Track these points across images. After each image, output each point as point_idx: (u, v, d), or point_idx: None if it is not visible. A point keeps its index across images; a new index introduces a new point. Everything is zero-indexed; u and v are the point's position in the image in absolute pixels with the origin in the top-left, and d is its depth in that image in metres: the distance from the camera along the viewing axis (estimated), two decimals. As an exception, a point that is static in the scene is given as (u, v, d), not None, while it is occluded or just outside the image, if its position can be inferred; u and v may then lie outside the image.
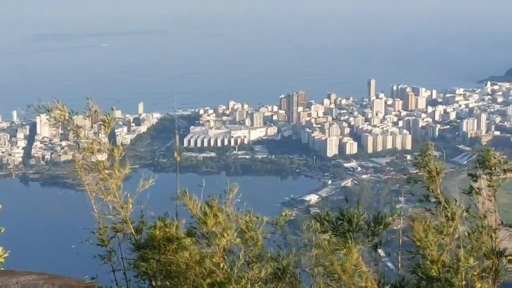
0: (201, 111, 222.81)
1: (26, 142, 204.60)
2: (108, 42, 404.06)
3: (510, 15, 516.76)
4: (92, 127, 10.51)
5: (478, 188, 9.84)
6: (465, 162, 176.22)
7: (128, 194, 10.22)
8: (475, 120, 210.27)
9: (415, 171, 10.18)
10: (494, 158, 9.87)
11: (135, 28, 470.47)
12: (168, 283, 10.07)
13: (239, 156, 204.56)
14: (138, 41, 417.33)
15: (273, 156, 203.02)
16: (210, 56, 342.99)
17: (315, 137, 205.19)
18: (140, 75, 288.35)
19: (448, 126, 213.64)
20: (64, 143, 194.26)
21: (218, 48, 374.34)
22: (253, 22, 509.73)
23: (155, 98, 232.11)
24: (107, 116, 10.25)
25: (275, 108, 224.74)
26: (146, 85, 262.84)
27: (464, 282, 9.15)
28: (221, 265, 9.34)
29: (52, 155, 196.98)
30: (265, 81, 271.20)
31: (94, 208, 10.19)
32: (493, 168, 9.83)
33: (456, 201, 9.74)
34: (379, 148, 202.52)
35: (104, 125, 10.27)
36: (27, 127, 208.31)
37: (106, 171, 10.14)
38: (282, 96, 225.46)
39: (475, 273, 9.42)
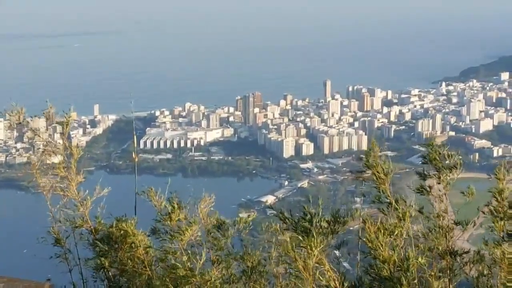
0: (157, 113, 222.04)
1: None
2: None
3: (464, 15, 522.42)
4: (47, 129, 10.42)
5: (428, 187, 9.78)
6: (420, 162, 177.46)
7: (87, 191, 10.20)
8: (430, 121, 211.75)
9: (362, 172, 10.20)
10: (439, 153, 9.77)
11: (93, 28, 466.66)
12: (125, 279, 10.03)
13: (195, 158, 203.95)
14: (96, 41, 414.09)
15: (229, 158, 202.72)
16: (165, 57, 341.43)
17: (272, 138, 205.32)
18: (96, 77, 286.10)
19: (403, 127, 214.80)
20: (19, 145, 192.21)
21: (173, 49, 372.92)
22: (209, 23, 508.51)
23: (111, 99, 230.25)
24: (65, 118, 10.19)
25: (232, 110, 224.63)
26: (102, 87, 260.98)
27: (415, 281, 9.14)
28: (184, 257, 9.32)
29: (7, 158, 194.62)
30: (221, 83, 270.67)
31: (50, 209, 10.12)
32: (439, 164, 9.72)
33: (405, 201, 9.71)
34: (335, 149, 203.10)
35: (62, 126, 10.19)
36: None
37: (64, 172, 10.08)
38: (238, 97, 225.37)
39: (432, 272, 9.43)
